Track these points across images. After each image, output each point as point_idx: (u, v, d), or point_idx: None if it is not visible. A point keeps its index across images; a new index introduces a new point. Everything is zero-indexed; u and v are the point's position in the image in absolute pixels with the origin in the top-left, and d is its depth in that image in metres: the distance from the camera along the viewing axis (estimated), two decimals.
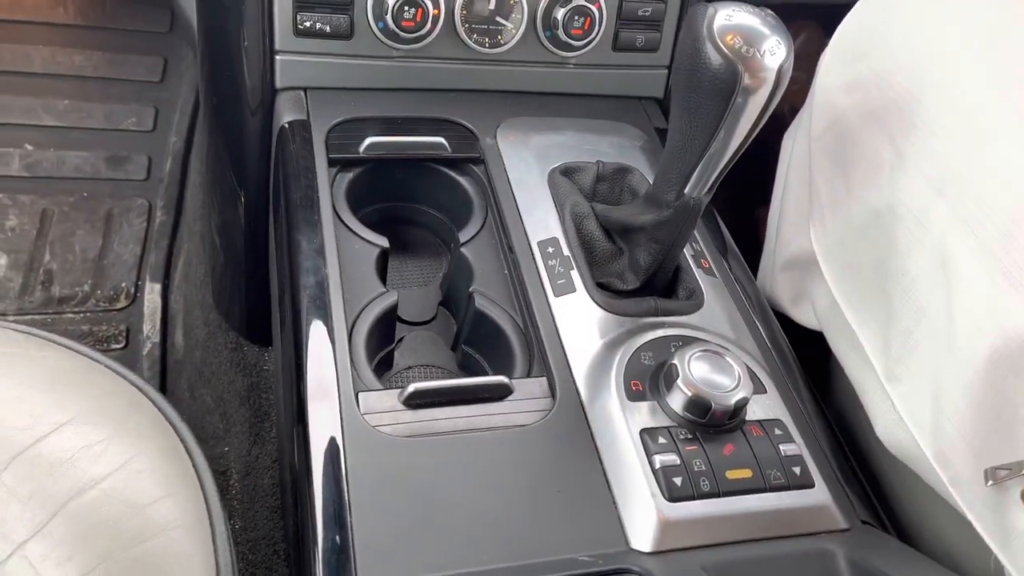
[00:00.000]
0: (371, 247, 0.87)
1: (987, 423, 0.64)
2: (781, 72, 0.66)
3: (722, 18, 0.65)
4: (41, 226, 1.58)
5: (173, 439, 0.67)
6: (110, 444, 0.62)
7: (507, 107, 1.05)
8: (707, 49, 0.65)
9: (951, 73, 0.73)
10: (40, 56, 1.68)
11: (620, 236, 0.87)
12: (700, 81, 0.67)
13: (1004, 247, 0.63)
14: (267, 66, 1.00)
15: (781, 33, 0.65)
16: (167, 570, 0.58)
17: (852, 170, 0.79)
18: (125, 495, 0.59)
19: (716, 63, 0.65)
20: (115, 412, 0.65)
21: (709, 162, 0.72)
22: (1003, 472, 0.63)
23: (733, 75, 0.65)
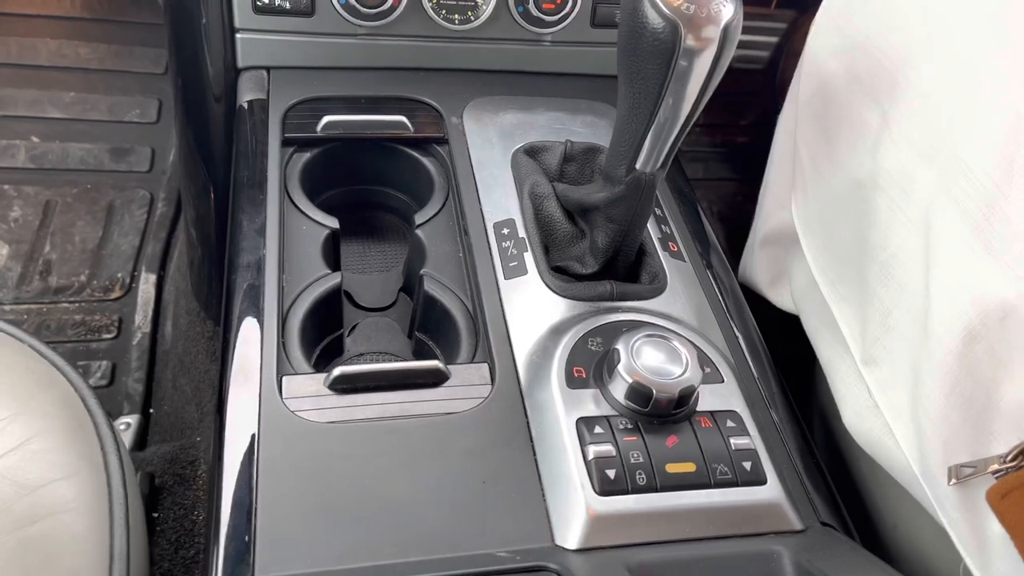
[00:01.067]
0: (320, 228, 0.84)
1: (960, 412, 0.58)
2: (727, 32, 0.60)
3: None
4: (44, 217, 1.59)
5: (83, 419, 0.64)
6: (11, 423, 0.59)
7: (477, 86, 1.01)
8: (646, 8, 0.60)
9: (944, 32, 0.67)
10: (46, 49, 1.70)
11: (580, 217, 0.82)
12: (640, 43, 0.62)
13: (986, 217, 0.57)
14: (228, 45, 0.97)
15: None
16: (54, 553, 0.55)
17: (836, 137, 0.73)
18: (17, 476, 0.57)
19: (656, 23, 0.60)
20: (23, 390, 0.63)
21: (659, 133, 0.67)
22: (967, 470, 0.57)
23: (674, 35, 0.60)
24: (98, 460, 0.62)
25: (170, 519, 1.03)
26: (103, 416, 0.65)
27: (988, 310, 0.55)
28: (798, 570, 0.58)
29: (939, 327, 0.58)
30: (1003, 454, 0.56)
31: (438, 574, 0.57)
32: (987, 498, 0.56)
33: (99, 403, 0.66)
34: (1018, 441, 0.55)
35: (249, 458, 0.63)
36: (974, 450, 0.58)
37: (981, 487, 0.57)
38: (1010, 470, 0.55)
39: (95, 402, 0.66)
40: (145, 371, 1.35)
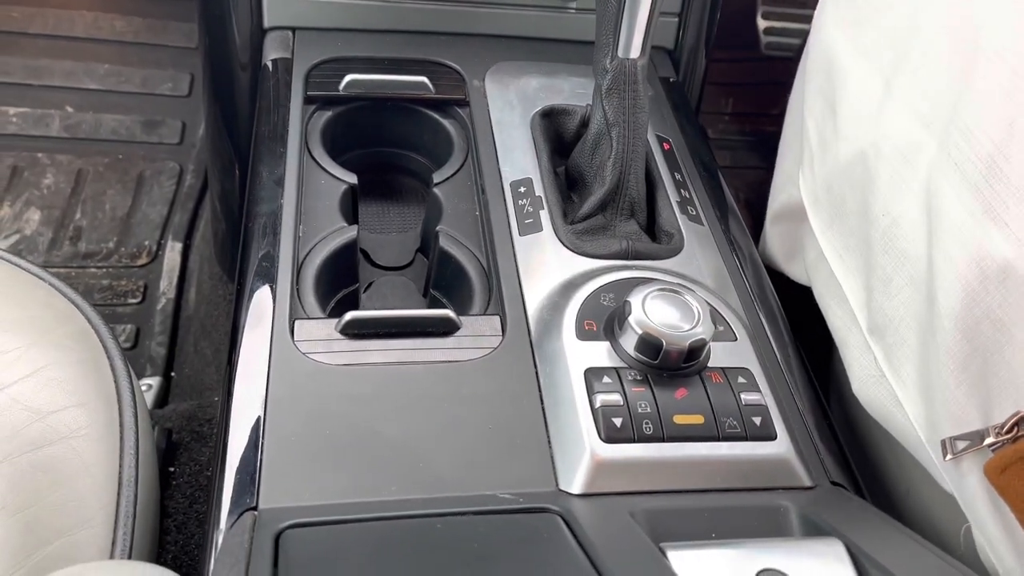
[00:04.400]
0: (338, 183, 0.84)
1: (960, 379, 0.57)
2: None
3: None
4: (76, 185, 1.61)
5: (97, 352, 0.65)
6: (27, 351, 0.60)
7: (501, 51, 1.01)
8: None
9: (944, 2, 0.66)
10: (83, 21, 1.73)
11: (588, 163, 0.82)
12: None
13: (986, 178, 0.56)
14: (255, 5, 0.98)
15: None
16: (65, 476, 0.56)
17: (841, 109, 0.73)
18: (31, 401, 0.58)
19: None
20: (41, 323, 0.64)
21: (631, 14, 0.74)
22: (962, 443, 0.56)
23: None
24: (111, 391, 0.63)
25: (185, 474, 1.05)
26: (117, 350, 0.66)
27: (988, 272, 0.54)
28: (805, 524, 0.58)
29: (940, 293, 0.57)
30: (999, 424, 0.54)
31: (440, 511, 0.56)
32: (985, 472, 0.55)
33: (114, 339, 0.67)
34: (1015, 410, 0.54)
35: (258, 395, 0.64)
36: (974, 419, 0.57)
37: (980, 459, 0.56)
38: (1006, 442, 0.54)
39: (110, 338, 0.67)
40: (168, 335, 1.37)
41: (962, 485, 0.60)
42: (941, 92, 0.63)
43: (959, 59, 0.62)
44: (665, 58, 1.09)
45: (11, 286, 0.67)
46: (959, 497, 0.60)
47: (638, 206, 0.81)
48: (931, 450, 0.62)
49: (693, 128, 0.97)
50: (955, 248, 0.58)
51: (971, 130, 0.59)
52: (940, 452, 0.59)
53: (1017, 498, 0.54)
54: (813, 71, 0.80)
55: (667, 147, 0.91)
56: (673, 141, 0.92)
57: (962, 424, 0.58)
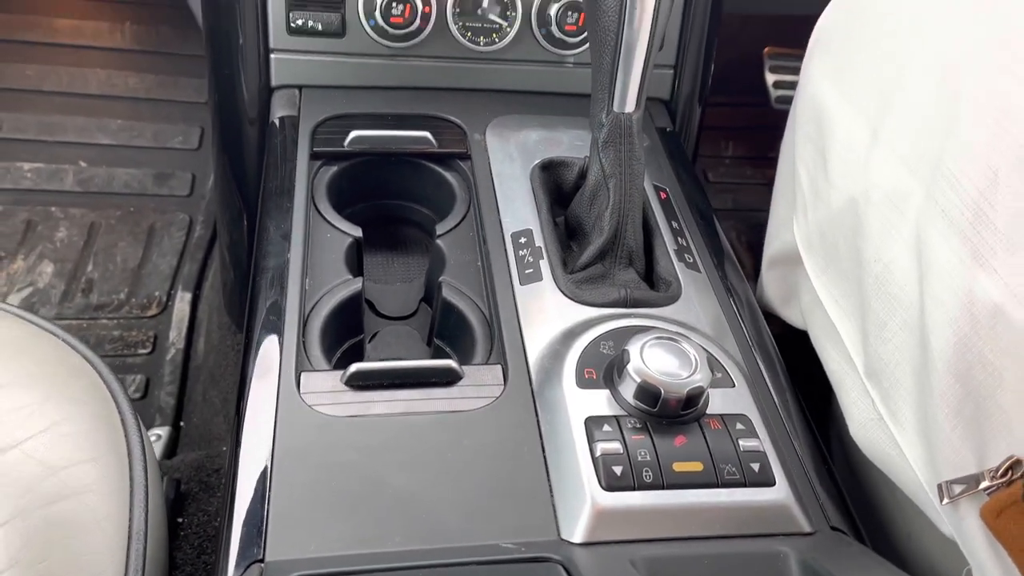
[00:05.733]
0: (343, 236, 0.86)
1: (956, 423, 0.58)
2: None
3: None
4: (88, 238, 1.65)
5: (109, 407, 0.67)
6: (41, 406, 0.62)
7: (501, 105, 1.04)
8: None
9: (926, 50, 0.68)
10: (97, 78, 1.78)
11: (590, 203, 0.84)
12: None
13: (973, 226, 0.58)
14: (262, 65, 1.02)
15: None
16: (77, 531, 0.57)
17: (831, 156, 0.75)
18: (45, 456, 0.59)
19: None
20: (54, 378, 0.65)
21: (625, 70, 0.77)
22: (958, 487, 0.56)
23: None
24: (122, 445, 0.64)
25: (194, 525, 1.06)
26: (128, 404, 0.68)
27: (978, 317, 0.55)
28: (804, 570, 0.58)
29: (932, 337, 0.59)
30: (993, 468, 0.55)
31: (443, 561, 0.57)
32: (982, 516, 0.55)
33: (125, 393, 0.69)
34: (1009, 453, 0.55)
35: (265, 447, 0.65)
36: (970, 463, 0.58)
37: (977, 503, 0.57)
38: (1001, 486, 0.55)
39: (121, 392, 0.69)
40: (177, 385, 1.39)
41: (961, 529, 0.60)
42: (926, 140, 0.65)
43: (942, 107, 0.65)
44: (661, 109, 1.12)
45: (25, 341, 0.69)
46: (959, 541, 0.61)
47: (636, 255, 0.83)
48: (930, 494, 0.62)
49: (690, 177, 1.00)
50: (945, 293, 0.59)
51: (956, 177, 0.60)
52: (938, 496, 0.60)
53: (1013, 542, 0.54)
54: (803, 120, 0.82)
55: (664, 196, 0.93)
56: (670, 190, 0.95)
57: (959, 468, 0.59)
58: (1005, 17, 0.65)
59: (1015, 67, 0.61)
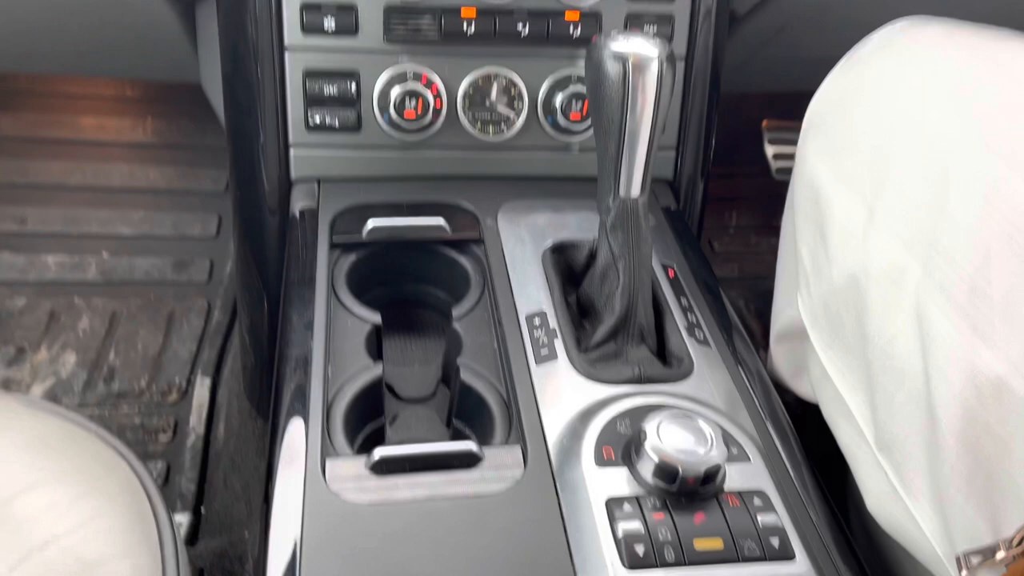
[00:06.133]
0: (363, 323, 0.89)
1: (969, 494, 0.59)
2: (661, 63, 0.78)
3: (610, 39, 0.79)
4: (110, 327, 1.69)
5: (142, 503, 0.68)
6: (77, 503, 0.64)
7: (512, 191, 1.08)
8: (604, 54, 0.79)
9: (915, 130, 0.72)
10: (119, 172, 1.85)
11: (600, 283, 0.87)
12: (602, 78, 0.79)
13: (970, 300, 0.60)
14: (282, 161, 1.07)
15: (657, 41, 0.79)
16: None
17: (830, 235, 0.78)
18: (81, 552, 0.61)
19: (612, 60, 0.78)
20: (89, 473, 0.67)
21: (630, 160, 0.81)
22: (975, 558, 0.57)
23: (624, 65, 0.78)
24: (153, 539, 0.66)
25: None
26: (159, 498, 0.70)
27: (983, 389, 0.57)
28: None
29: (940, 410, 0.60)
30: (1008, 539, 0.56)
31: None
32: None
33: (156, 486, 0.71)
34: (1022, 522, 0.56)
35: (294, 536, 0.66)
36: (985, 534, 0.59)
37: (995, 574, 0.57)
38: (1017, 556, 0.56)
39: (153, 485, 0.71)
40: (198, 471, 1.40)
41: None
42: (919, 218, 0.68)
43: (932, 187, 0.68)
44: (665, 188, 1.16)
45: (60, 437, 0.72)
46: None
47: (648, 332, 0.86)
48: (948, 566, 0.63)
49: (696, 254, 1.03)
50: (949, 366, 0.61)
51: (951, 254, 0.63)
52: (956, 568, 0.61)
53: None
54: (800, 200, 0.85)
55: (672, 274, 0.96)
56: (677, 267, 0.98)
57: (974, 538, 0.60)
58: (988, 99, 0.69)
59: (999, 146, 0.65)
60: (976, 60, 0.74)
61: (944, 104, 0.72)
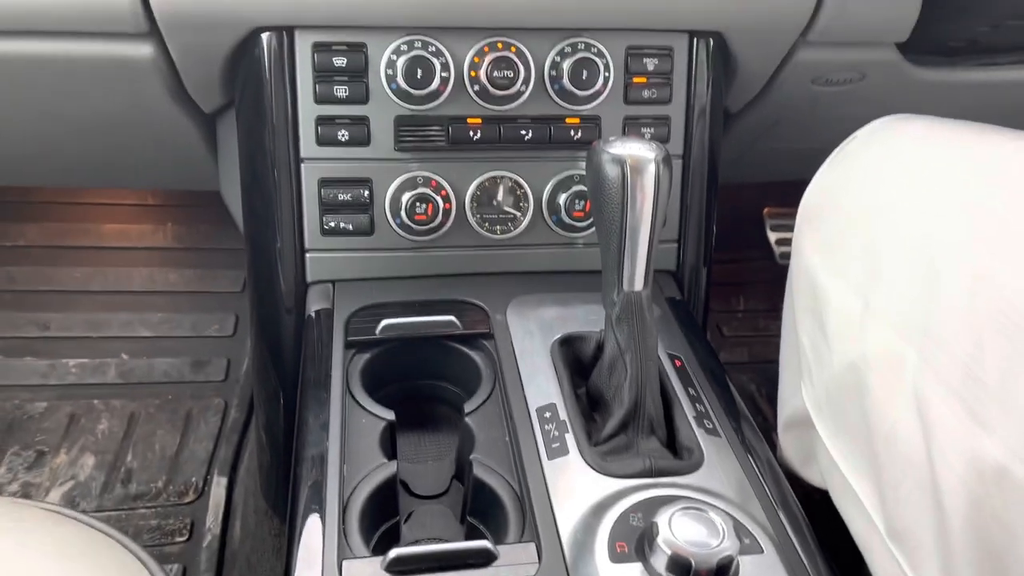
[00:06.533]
0: (377, 420, 0.91)
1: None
2: (657, 164, 0.82)
3: (609, 143, 0.84)
4: (128, 428, 1.71)
5: None
6: None
7: (519, 286, 1.11)
8: (603, 157, 0.83)
9: (904, 222, 0.76)
10: (140, 276, 1.90)
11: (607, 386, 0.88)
12: (602, 179, 0.83)
13: (966, 386, 0.62)
14: (299, 264, 1.11)
15: (653, 145, 0.84)
16: None
17: (828, 324, 0.80)
18: None
19: (611, 163, 0.82)
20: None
21: (632, 253, 0.85)
22: None
23: (623, 167, 0.82)
24: None
25: None
26: None
27: (985, 475, 0.58)
28: None
29: (945, 497, 0.61)
30: None
31: None
32: None
33: None
34: None
35: None
36: None
37: None
38: None
39: None
40: (214, 573, 1.40)
41: None
42: (911, 306, 0.70)
43: (921, 275, 0.70)
44: (669, 279, 1.19)
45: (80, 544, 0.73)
46: None
47: (657, 423, 0.87)
48: None
49: (701, 343, 1.05)
50: (951, 453, 0.62)
51: (944, 341, 0.65)
52: None
53: None
54: (799, 291, 0.88)
55: (679, 364, 0.98)
56: (684, 357, 1.00)
57: None
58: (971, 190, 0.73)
59: (983, 235, 0.67)
60: (958, 154, 0.78)
61: (929, 197, 0.75)
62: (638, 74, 1.10)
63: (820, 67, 1.18)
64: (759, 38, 1.12)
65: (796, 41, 1.12)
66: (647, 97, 1.12)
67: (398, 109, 1.07)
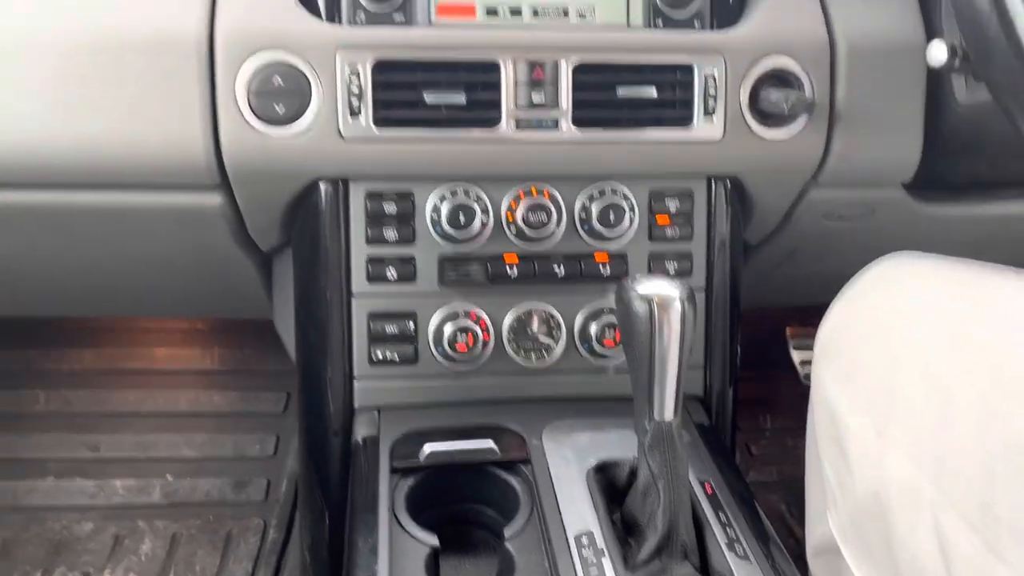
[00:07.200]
0: (422, 546, 0.96)
1: None
2: (683, 302, 0.88)
3: (636, 282, 0.90)
4: (170, 549, 1.75)
5: None
6: None
7: (554, 412, 1.17)
8: (632, 296, 0.89)
9: (917, 358, 0.81)
10: (186, 398, 1.99)
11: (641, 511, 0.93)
12: (631, 316, 0.89)
13: (981, 518, 0.66)
14: (347, 391, 1.18)
15: (678, 282, 0.90)
16: None
17: (849, 452, 0.85)
18: None
19: (639, 300, 0.88)
20: None
21: (661, 385, 0.89)
22: None
23: (650, 305, 0.88)
24: None
25: None
26: None
27: None
28: None
29: None
30: None
31: None
32: None
33: None
34: None
35: None
36: None
37: None
38: None
39: None
40: None
41: None
42: (927, 441, 0.75)
43: (935, 410, 0.75)
44: (697, 404, 1.24)
45: None
46: None
47: (690, 549, 0.91)
48: None
49: (730, 468, 1.10)
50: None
51: (958, 474, 0.70)
52: None
53: None
54: (820, 421, 0.93)
55: (709, 489, 1.03)
56: (714, 483, 1.04)
57: None
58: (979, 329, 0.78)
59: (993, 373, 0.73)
60: (966, 294, 0.84)
61: (940, 335, 0.81)
62: (661, 214, 1.20)
63: (831, 204, 1.27)
64: (773, 180, 1.22)
65: (807, 183, 1.22)
66: (670, 235, 1.21)
67: (442, 249, 1.17)
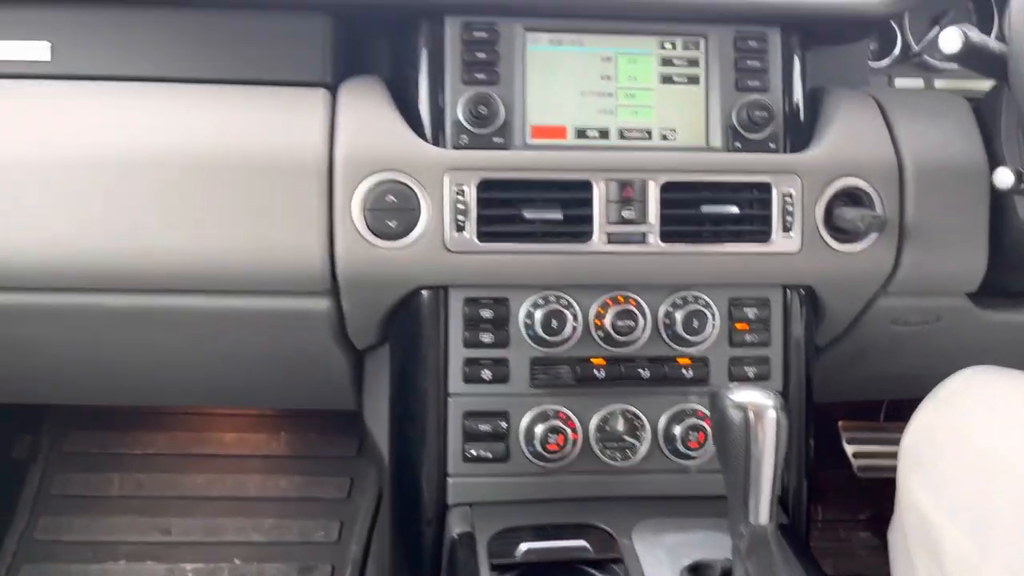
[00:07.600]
0: None
1: None
2: (777, 410, 0.92)
3: (731, 391, 0.95)
4: None
5: None
6: None
7: (641, 511, 1.22)
8: (727, 405, 0.94)
9: (1013, 471, 0.86)
10: (253, 483, 2.04)
11: None
12: (727, 424, 0.93)
13: None
14: (441, 487, 1.24)
15: (769, 392, 0.94)
16: None
17: (946, 564, 0.88)
18: None
19: (735, 409, 0.93)
20: None
21: (756, 488, 0.92)
22: None
23: (746, 413, 0.92)
24: None
25: None
26: None
27: None
28: None
29: None
30: None
31: None
32: None
33: None
34: None
35: None
36: None
37: None
38: None
39: None
40: None
41: None
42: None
43: None
44: None
45: None
46: None
47: None
48: None
49: (813, 568, 1.13)
50: None
51: None
52: None
53: None
54: (910, 526, 0.97)
55: None
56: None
57: None
58: None
59: None
60: None
61: None
62: (740, 321, 1.27)
63: (899, 311, 1.34)
64: (844, 289, 1.29)
65: (877, 292, 1.29)
66: (749, 340, 1.27)
67: (534, 352, 1.24)
